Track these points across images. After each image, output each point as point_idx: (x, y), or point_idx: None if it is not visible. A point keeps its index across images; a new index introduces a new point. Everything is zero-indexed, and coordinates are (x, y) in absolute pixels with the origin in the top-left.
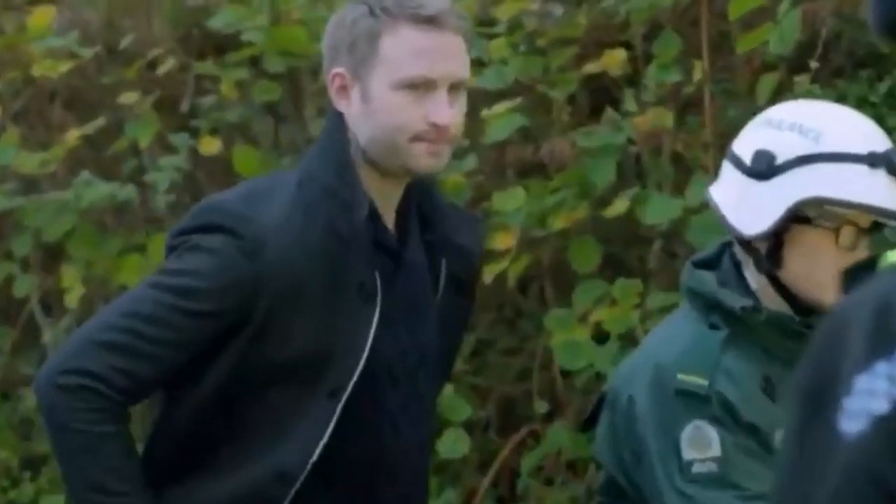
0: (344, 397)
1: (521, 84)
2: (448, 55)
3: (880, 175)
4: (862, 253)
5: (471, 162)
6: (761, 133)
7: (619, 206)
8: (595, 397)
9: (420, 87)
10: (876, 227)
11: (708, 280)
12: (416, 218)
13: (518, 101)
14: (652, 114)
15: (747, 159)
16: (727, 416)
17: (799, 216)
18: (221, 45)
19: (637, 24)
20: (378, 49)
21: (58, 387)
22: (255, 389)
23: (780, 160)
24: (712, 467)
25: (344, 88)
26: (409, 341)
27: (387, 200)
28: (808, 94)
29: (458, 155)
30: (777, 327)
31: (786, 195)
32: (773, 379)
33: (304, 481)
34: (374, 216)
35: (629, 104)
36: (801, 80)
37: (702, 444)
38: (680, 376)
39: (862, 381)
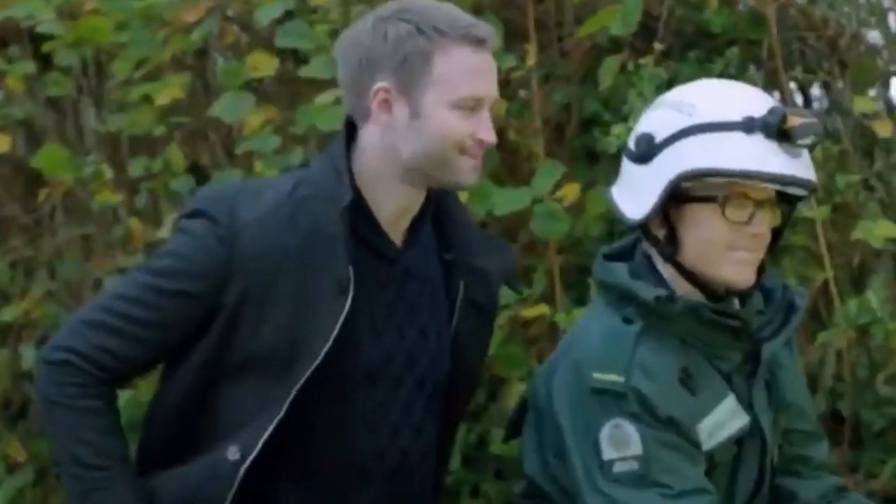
0: (300, 381)
1: None
2: (493, 76)
3: (757, 139)
4: (761, 227)
5: (298, 156)
6: (646, 117)
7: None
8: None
9: (472, 106)
10: (784, 199)
11: (620, 272)
12: (434, 234)
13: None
14: None
15: (632, 145)
16: (645, 412)
17: (683, 194)
18: (3, 38)
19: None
20: (432, 68)
21: (46, 362)
22: (231, 378)
23: (658, 139)
24: (633, 466)
25: (386, 102)
26: (395, 346)
27: (401, 211)
28: (654, 77)
29: (283, 150)
30: (692, 316)
31: (663, 173)
32: (691, 370)
33: (265, 469)
34: (369, 218)
35: None
36: (647, 61)
37: (621, 442)
38: (595, 374)
39: None
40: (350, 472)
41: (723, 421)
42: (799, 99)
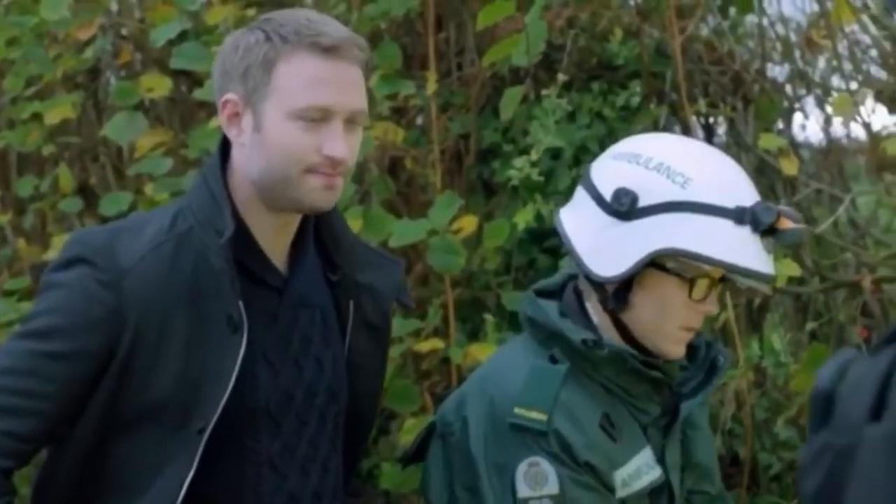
0: (207, 433)
1: None
2: (346, 86)
3: (745, 232)
4: (713, 306)
5: (190, 179)
6: (624, 168)
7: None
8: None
9: (315, 117)
10: (724, 278)
11: (550, 310)
12: (317, 256)
13: None
14: (380, 128)
15: (607, 195)
16: (564, 454)
17: (656, 263)
18: None
19: (362, 33)
20: (272, 77)
21: None
22: (131, 428)
23: (643, 202)
24: None
25: (235, 116)
26: (293, 383)
27: (278, 236)
28: (556, 109)
29: (175, 172)
30: (617, 363)
31: (647, 241)
32: (613, 417)
33: None
34: (252, 248)
35: None
36: (549, 92)
37: (538, 480)
38: (517, 410)
39: None
40: None
41: (639, 471)
42: (701, 133)
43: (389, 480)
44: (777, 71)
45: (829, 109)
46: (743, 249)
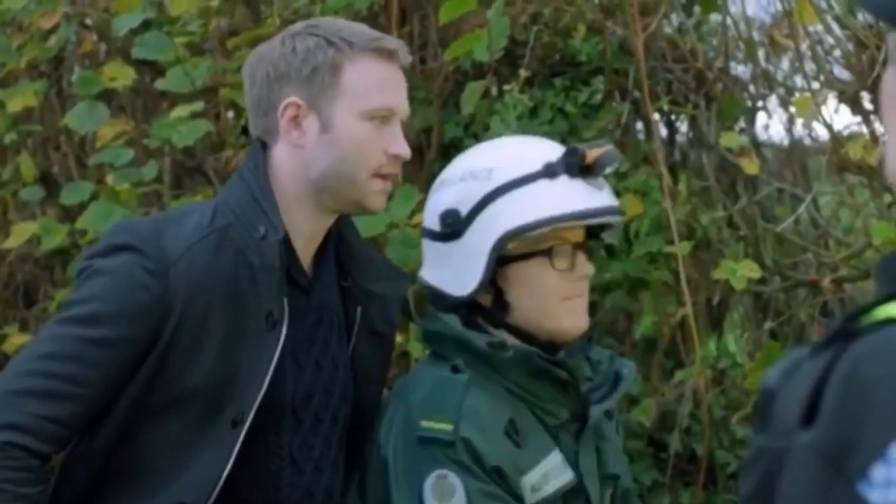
0: (246, 426)
1: (206, 87)
2: (403, 89)
3: (563, 181)
4: (585, 269)
5: (152, 169)
6: (440, 196)
7: None
8: None
9: (383, 118)
10: (590, 236)
11: (452, 321)
12: (334, 262)
13: (199, 105)
14: None
15: (436, 226)
16: (473, 462)
17: (505, 256)
18: None
19: None
20: (341, 80)
21: None
22: (159, 418)
23: (464, 213)
24: None
25: (296, 118)
26: (314, 382)
27: (310, 239)
28: (518, 104)
29: (136, 162)
30: (523, 365)
31: (481, 242)
32: (518, 422)
33: None
34: (289, 248)
35: None
36: (511, 87)
37: (445, 493)
38: (424, 423)
39: None
40: None
41: (547, 476)
42: (664, 131)
43: None
44: (741, 70)
45: (792, 109)
46: (570, 198)
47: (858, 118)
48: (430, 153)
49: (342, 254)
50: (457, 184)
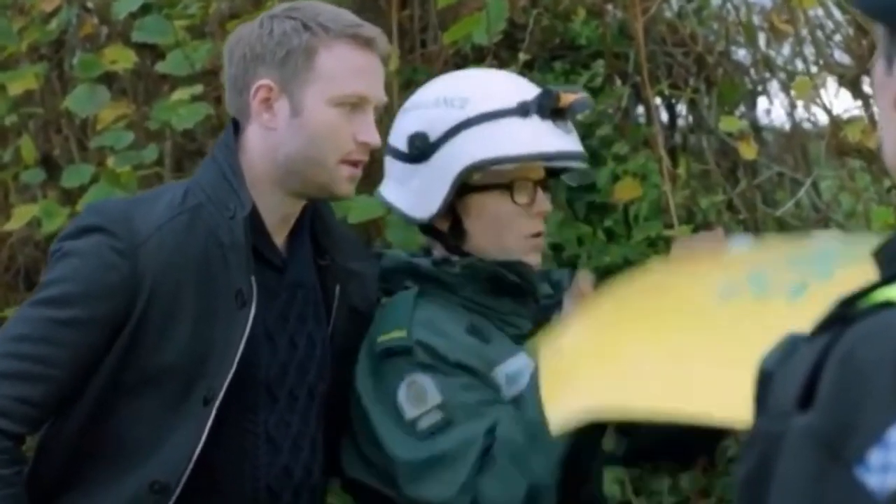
0: (216, 403)
1: (206, 70)
2: (378, 77)
3: (534, 121)
4: (544, 205)
5: (152, 152)
6: (410, 117)
7: None
8: None
9: (353, 104)
10: (550, 175)
11: (400, 254)
12: (310, 241)
13: (199, 88)
14: None
15: (403, 147)
16: (436, 360)
17: (467, 185)
18: None
19: None
20: (314, 65)
21: None
22: (132, 397)
23: (433, 137)
24: (437, 416)
25: (267, 101)
26: (289, 358)
27: (283, 219)
28: None
29: (137, 145)
30: (474, 276)
31: (448, 168)
32: (477, 326)
33: (181, 492)
34: (260, 227)
35: None
36: (511, 71)
37: (419, 397)
38: (380, 339)
39: None
40: (257, 491)
41: (521, 372)
42: (664, 115)
43: None
44: (741, 54)
45: (792, 93)
46: (539, 138)
47: (858, 102)
48: None
49: (319, 233)
50: (430, 108)
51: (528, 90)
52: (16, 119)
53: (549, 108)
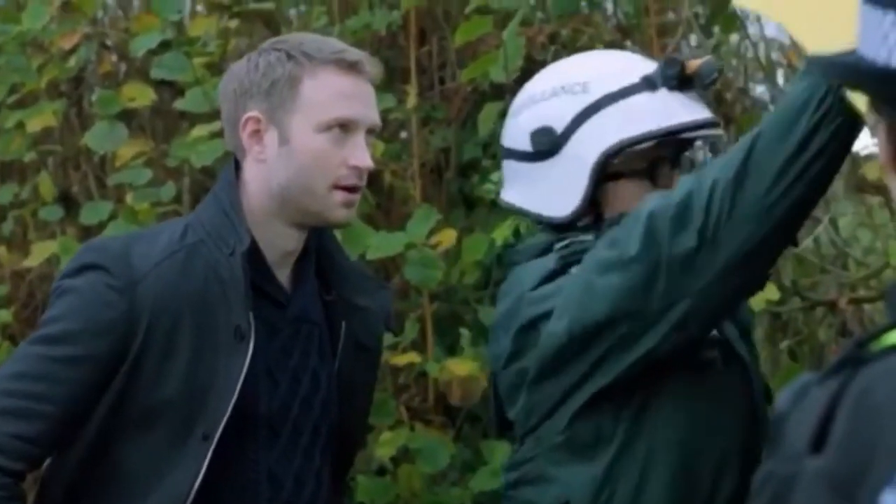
0: (215, 440)
1: None
2: (367, 100)
3: (663, 94)
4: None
5: (170, 189)
6: (526, 115)
7: None
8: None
9: (342, 129)
10: (679, 152)
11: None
12: (314, 276)
13: (218, 125)
14: None
15: (527, 146)
16: None
17: (607, 173)
18: None
19: None
20: (299, 93)
21: None
22: (132, 432)
23: (559, 129)
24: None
25: (257, 133)
26: (291, 395)
27: (284, 254)
28: None
29: (155, 182)
30: None
31: (582, 159)
32: None
33: None
34: (260, 263)
35: None
36: None
37: None
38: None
39: None
40: None
41: None
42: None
43: (365, 493)
44: (760, 91)
45: None
46: (672, 109)
47: (875, 139)
48: (449, 173)
49: (324, 268)
50: (548, 100)
51: (644, 64)
52: (35, 156)
53: (675, 78)
